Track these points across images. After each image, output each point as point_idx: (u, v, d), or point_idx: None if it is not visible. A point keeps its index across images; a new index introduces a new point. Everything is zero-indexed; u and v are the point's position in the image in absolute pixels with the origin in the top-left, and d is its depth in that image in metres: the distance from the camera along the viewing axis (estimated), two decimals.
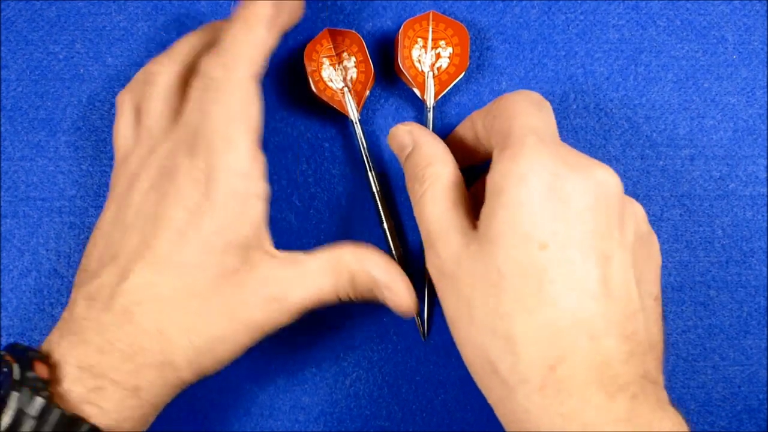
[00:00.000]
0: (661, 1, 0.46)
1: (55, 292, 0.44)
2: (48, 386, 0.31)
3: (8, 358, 0.31)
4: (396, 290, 0.37)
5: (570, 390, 0.29)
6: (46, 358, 0.32)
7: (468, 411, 0.45)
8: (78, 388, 0.32)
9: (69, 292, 0.44)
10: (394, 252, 0.44)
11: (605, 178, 0.32)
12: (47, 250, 0.44)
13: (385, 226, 0.43)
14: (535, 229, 0.30)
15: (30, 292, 0.44)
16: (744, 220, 0.45)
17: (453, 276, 0.33)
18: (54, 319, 0.44)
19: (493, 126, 0.35)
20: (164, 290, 0.34)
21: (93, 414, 0.31)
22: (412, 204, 0.37)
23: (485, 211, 0.32)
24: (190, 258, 0.34)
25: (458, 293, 0.32)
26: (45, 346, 0.34)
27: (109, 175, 0.45)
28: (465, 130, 0.39)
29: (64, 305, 0.44)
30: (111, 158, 0.45)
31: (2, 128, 0.45)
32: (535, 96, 0.35)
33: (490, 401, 0.33)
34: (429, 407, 0.45)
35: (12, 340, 0.44)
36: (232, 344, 0.35)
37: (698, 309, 0.45)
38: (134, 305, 0.34)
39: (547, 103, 0.35)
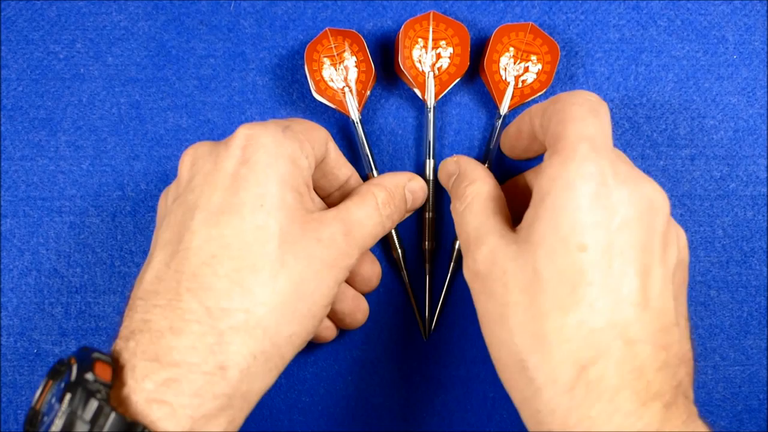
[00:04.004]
0: (661, 1, 0.46)
1: (55, 292, 0.44)
2: (108, 388, 0.29)
3: (72, 360, 0.30)
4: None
5: (600, 392, 0.29)
6: (110, 359, 0.31)
7: (468, 411, 0.45)
8: (146, 386, 0.30)
9: (69, 292, 0.44)
10: (394, 253, 0.44)
11: (653, 195, 0.32)
12: (47, 250, 0.44)
13: None
14: (575, 232, 0.30)
15: (30, 292, 0.44)
16: (744, 220, 0.45)
17: (487, 276, 0.33)
18: (54, 319, 0.44)
19: (548, 128, 0.35)
20: (232, 240, 0.32)
21: (161, 416, 0.29)
22: (455, 222, 0.38)
23: (529, 213, 0.33)
24: (248, 198, 0.33)
25: (491, 292, 0.33)
26: (115, 347, 0.32)
27: (109, 175, 0.45)
28: (522, 123, 0.40)
29: (64, 305, 0.44)
30: (111, 158, 0.45)
31: (3, 128, 0.45)
32: (593, 98, 0.35)
33: (515, 402, 0.33)
34: (429, 407, 0.45)
35: (12, 340, 0.44)
36: (317, 288, 0.34)
37: (698, 309, 0.45)
38: (203, 265, 0.32)
39: (605, 106, 0.34)
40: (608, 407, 0.29)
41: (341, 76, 0.43)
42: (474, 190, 0.37)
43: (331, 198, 0.41)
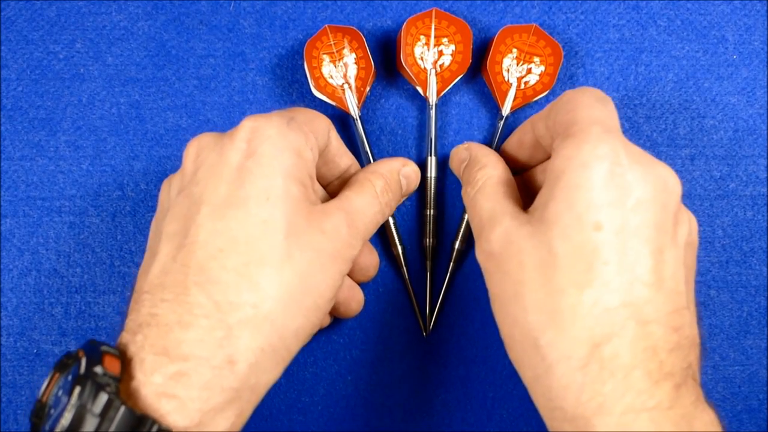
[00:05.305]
0: (661, 1, 0.46)
1: (55, 292, 0.44)
2: (117, 382, 0.29)
3: (80, 353, 0.30)
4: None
5: (614, 370, 0.29)
6: (118, 352, 0.30)
7: (468, 411, 0.45)
8: (155, 379, 0.30)
9: (69, 292, 0.44)
10: (394, 250, 0.44)
11: (666, 175, 0.32)
12: (47, 250, 0.44)
13: (388, 222, 0.43)
14: (591, 211, 0.31)
15: (30, 292, 0.44)
16: (744, 220, 0.45)
17: (501, 255, 0.33)
18: (54, 319, 0.44)
19: (555, 120, 0.35)
20: (239, 233, 0.32)
21: (170, 410, 0.29)
22: (466, 207, 0.38)
23: (543, 193, 0.33)
24: (254, 191, 0.33)
25: (505, 271, 0.33)
26: (122, 340, 0.32)
27: (109, 175, 0.45)
28: (523, 133, 0.40)
29: (64, 305, 0.44)
30: (111, 158, 0.45)
31: (2, 128, 0.45)
32: (598, 92, 0.35)
33: (525, 381, 0.33)
34: (429, 407, 0.45)
35: (12, 340, 0.44)
36: (323, 280, 0.34)
37: (698, 309, 0.45)
38: (211, 259, 0.32)
39: (610, 99, 0.35)
40: (621, 385, 0.29)
41: (340, 72, 0.43)
42: (485, 174, 0.37)
43: (331, 186, 0.41)
